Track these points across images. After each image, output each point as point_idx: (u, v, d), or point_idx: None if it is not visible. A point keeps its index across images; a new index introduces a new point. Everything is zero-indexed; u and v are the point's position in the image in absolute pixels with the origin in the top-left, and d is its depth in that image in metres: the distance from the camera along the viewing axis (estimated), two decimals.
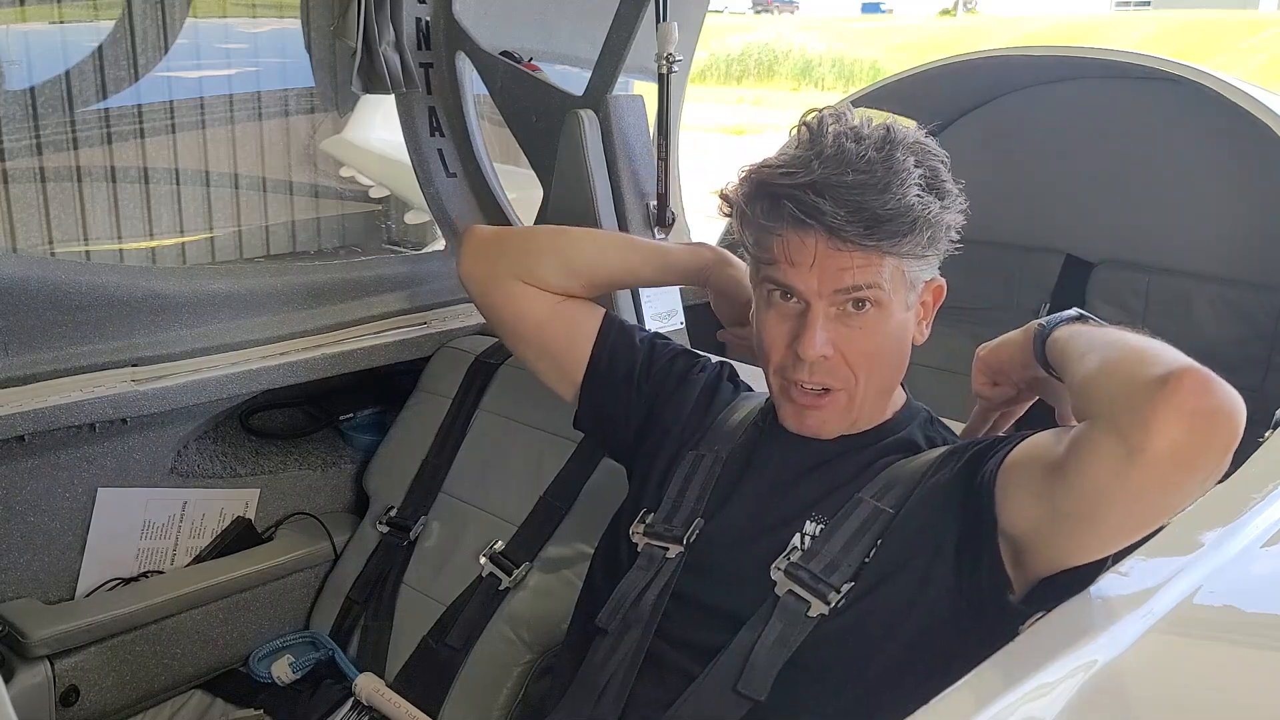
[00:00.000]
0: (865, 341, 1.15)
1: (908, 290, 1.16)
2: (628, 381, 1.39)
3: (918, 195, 1.10)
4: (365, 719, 1.63)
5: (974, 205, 1.23)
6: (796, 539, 1.16)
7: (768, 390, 1.25)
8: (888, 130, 1.13)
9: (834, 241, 1.09)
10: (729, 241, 2.63)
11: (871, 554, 1.11)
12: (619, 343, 1.42)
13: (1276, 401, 1.78)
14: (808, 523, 1.17)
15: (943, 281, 1.23)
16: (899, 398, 1.28)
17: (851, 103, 2.57)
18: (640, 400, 1.38)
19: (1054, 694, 0.88)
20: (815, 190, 1.08)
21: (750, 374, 1.43)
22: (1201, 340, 2.32)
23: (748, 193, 1.16)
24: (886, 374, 1.20)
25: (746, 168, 1.17)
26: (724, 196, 1.21)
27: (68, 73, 2.43)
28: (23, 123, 2.37)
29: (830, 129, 1.12)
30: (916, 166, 1.11)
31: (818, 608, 1.10)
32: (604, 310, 1.46)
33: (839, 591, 1.10)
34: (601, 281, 1.47)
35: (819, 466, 1.22)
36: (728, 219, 1.23)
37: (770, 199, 1.12)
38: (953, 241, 1.17)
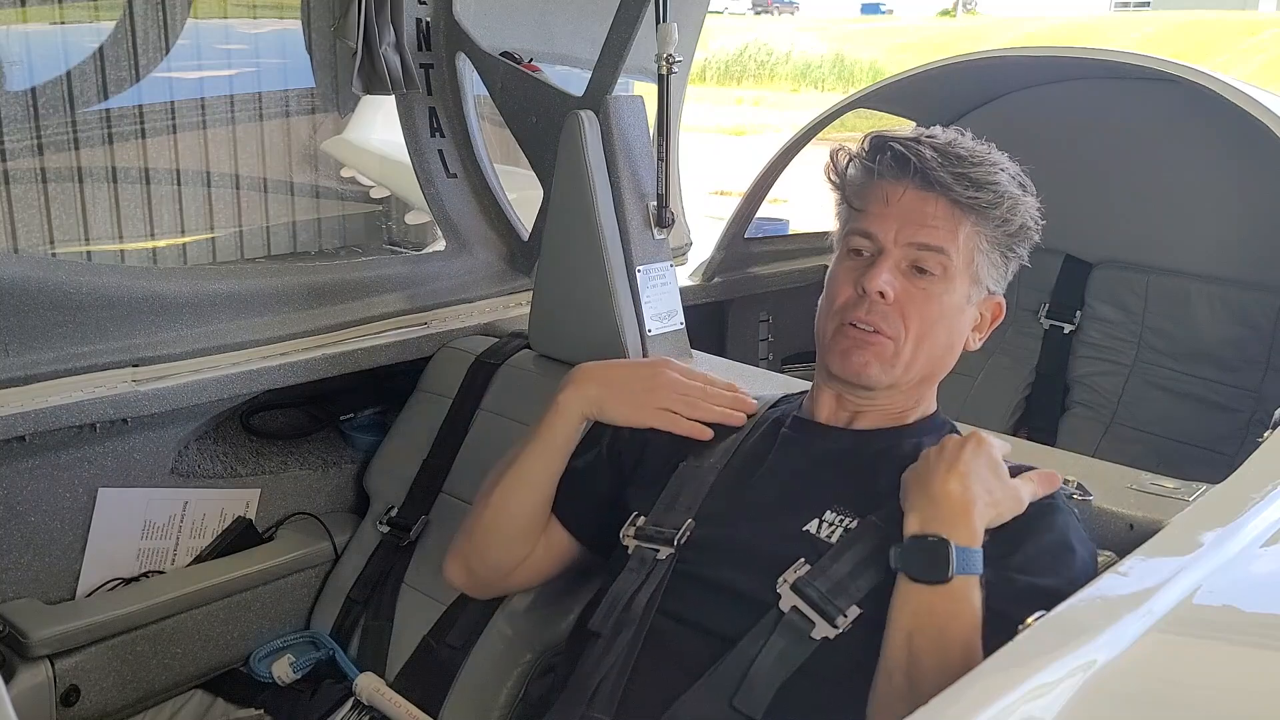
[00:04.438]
0: (923, 303, 1.21)
1: (972, 282, 1.23)
2: (597, 467, 1.39)
3: (1008, 179, 1.22)
4: (366, 719, 1.64)
5: None
6: (814, 525, 1.17)
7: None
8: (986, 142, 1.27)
9: (924, 189, 1.19)
10: (722, 247, 2.64)
11: (884, 583, 1.11)
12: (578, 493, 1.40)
13: (1276, 401, 1.78)
14: (829, 512, 1.18)
15: (1003, 301, 1.30)
16: (930, 404, 1.30)
17: (852, 103, 2.57)
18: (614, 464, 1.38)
19: (1054, 694, 0.88)
20: (919, 142, 1.21)
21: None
22: (1201, 341, 2.33)
23: (859, 146, 1.27)
24: (934, 349, 1.23)
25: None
26: (833, 156, 1.29)
27: (69, 73, 2.43)
28: (24, 123, 2.37)
29: (937, 127, 1.28)
30: (1008, 164, 1.25)
31: (823, 629, 1.10)
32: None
33: (845, 615, 1.10)
34: (530, 518, 1.40)
35: (837, 461, 1.24)
36: (833, 186, 1.30)
37: (878, 146, 1.23)
38: (1022, 257, 1.27)
